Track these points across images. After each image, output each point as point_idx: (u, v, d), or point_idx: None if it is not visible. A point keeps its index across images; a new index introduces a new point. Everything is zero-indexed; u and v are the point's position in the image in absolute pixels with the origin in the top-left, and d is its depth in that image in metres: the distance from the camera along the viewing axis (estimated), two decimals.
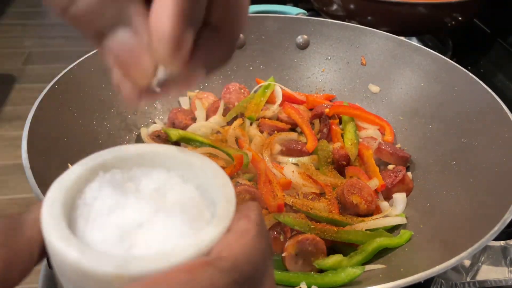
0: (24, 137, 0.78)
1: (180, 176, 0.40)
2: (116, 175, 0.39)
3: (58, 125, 0.88)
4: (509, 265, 0.75)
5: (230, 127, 1.03)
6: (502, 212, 0.69)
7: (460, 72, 1.00)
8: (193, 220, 0.36)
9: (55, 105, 0.90)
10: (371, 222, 0.84)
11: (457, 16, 1.28)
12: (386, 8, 1.26)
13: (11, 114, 3.22)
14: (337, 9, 1.35)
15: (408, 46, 1.12)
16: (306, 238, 0.77)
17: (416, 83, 1.09)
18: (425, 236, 0.81)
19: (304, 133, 1.04)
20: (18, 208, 2.55)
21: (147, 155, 0.40)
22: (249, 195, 0.82)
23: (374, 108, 1.15)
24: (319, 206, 0.84)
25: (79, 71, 0.97)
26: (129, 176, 0.39)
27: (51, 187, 0.38)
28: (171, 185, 0.39)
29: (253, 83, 1.21)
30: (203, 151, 0.95)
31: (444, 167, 0.92)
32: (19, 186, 2.66)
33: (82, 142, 0.91)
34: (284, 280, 0.74)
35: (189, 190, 0.39)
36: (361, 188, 0.88)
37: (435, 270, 0.61)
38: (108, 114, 1.02)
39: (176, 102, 1.17)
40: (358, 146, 1.01)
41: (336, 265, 0.76)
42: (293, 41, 1.23)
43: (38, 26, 4.30)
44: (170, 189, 0.38)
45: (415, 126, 1.06)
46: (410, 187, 0.94)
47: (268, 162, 0.94)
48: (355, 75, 1.19)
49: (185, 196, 0.38)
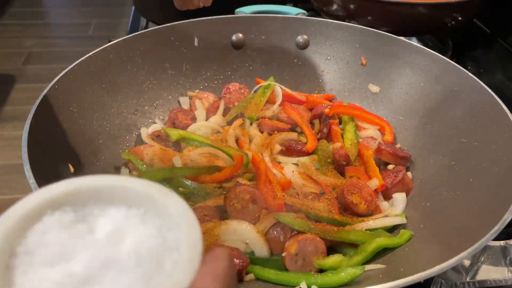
0: (24, 137, 0.78)
1: (141, 214, 0.36)
2: (67, 215, 0.34)
3: (58, 125, 0.88)
4: (508, 265, 0.75)
5: (230, 127, 1.03)
6: (502, 212, 0.69)
7: (460, 72, 1.00)
8: (151, 275, 0.31)
9: (55, 105, 0.90)
10: (371, 222, 0.84)
11: (457, 16, 1.28)
12: (386, 8, 1.26)
13: (11, 114, 3.22)
14: (337, 9, 1.35)
15: (408, 46, 1.12)
16: (306, 238, 0.77)
17: (416, 83, 1.09)
18: (425, 236, 0.81)
19: (304, 133, 1.04)
20: None
21: (106, 188, 0.36)
22: (249, 195, 0.82)
23: (374, 108, 1.15)
24: (319, 206, 0.84)
25: (79, 71, 0.98)
26: (83, 215, 0.35)
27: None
28: (129, 226, 0.34)
29: (253, 83, 1.21)
30: (203, 151, 0.95)
31: (444, 167, 0.92)
32: (19, 186, 2.66)
33: (82, 142, 0.91)
34: (284, 280, 0.74)
35: (149, 234, 0.34)
36: (361, 188, 0.88)
37: (435, 270, 0.61)
38: (108, 114, 1.02)
39: (176, 102, 1.17)
40: (358, 146, 1.01)
41: (336, 265, 0.76)
42: (293, 41, 1.23)
43: (38, 26, 4.30)
44: (127, 232, 0.34)
45: (415, 126, 1.06)
46: (410, 187, 0.94)
47: (268, 162, 0.94)
48: (355, 75, 1.20)
49: (144, 243, 0.33)
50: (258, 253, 0.79)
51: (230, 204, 0.82)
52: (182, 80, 1.19)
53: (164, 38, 1.16)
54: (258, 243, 0.79)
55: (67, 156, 0.85)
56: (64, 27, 4.36)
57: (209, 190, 0.88)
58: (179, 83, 1.18)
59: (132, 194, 0.36)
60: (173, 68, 1.17)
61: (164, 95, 1.16)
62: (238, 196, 0.82)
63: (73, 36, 4.14)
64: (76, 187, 0.35)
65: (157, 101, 1.14)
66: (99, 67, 1.03)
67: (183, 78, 1.19)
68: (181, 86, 1.19)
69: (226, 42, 1.22)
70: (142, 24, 1.72)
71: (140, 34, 1.13)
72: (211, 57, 1.21)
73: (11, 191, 2.64)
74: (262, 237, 0.79)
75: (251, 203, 0.82)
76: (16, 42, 3.99)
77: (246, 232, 0.79)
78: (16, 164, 2.81)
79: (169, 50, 1.16)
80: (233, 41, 1.22)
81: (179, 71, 1.18)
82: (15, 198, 2.17)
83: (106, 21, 4.35)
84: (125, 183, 0.36)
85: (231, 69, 1.23)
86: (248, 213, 0.82)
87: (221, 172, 0.92)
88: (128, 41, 1.10)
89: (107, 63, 1.05)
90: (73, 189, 0.35)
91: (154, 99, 1.14)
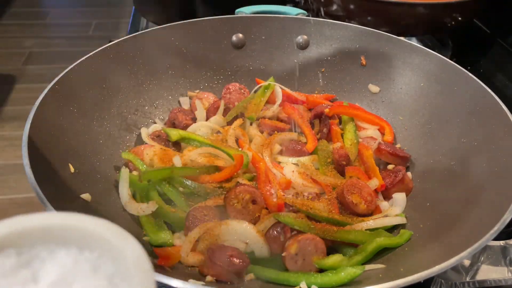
0: (24, 137, 0.78)
1: (93, 259, 0.32)
2: (9, 259, 0.31)
3: (58, 125, 0.88)
4: (508, 265, 0.75)
5: (230, 127, 1.03)
6: (502, 212, 0.69)
7: (460, 72, 1.00)
8: None
9: (55, 105, 0.90)
10: (371, 222, 0.84)
11: (457, 16, 1.28)
12: (386, 8, 1.26)
13: (11, 114, 3.22)
14: (337, 9, 1.35)
15: (408, 46, 1.12)
16: (306, 237, 0.77)
17: (416, 83, 1.09)
18: (425, 236, 0.81)
19: (304, 133, 1.04)
20: (18, 207, 2.55)
21: (58, 227, 0.33)
22: (249, 195, 0.82)
23: (374, 108, 1.15)
24: (319, 206, 0.84)
25: (79, 71, 0.98)
26: (28, 258, 0.31)
27: None
28: (77, 275, 0.31)
29: (253, 83, 1.21)
30: (203, 151, 0.95)
31: (444, 167, 0.92)
32: (19, 186, 2.66)
33: (82, 142, 0.91)
34: (284, 279, 0.74)
35: (99, 285, 0.31)
36: (361, 188, 0.88)
37: (435, 270, 0.61)
38: (108, 114, 1.02)
39: (176, 102, 1.17)
40: (358, 146, 1.01)
41: (336, 264, 0.76)
42: (293, 41, 1.23)
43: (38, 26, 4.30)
44: (74, 282, 0.30)
45: (415, 126, 1.06)
46: (410, 187, 0.94)
47: (268, 162, 0.94)
48: (355, 75, 1.20)
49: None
50: (258, 253, 0.79)
51: (230, 204, 0.82)
52: (182, 80, 1.19)
53: (164, 38, 1.16)
54: (258, 243, 0.79)
55: (67, 156, 0.85)
56: (64, 27, 4.36)
57: (209, 190, 0.88)
58: (179, 83, 1.18)
59: (86, 235, 0.33)
60: (173, 68, 1.17)
61: (164, 95, 1.16)
62: (238, 196, 0.82)
63: (73, 36, 4.14)
64: (23, 227, 0.32)
65: (157, 101, 1.14)
66: (99, 67, 1.03)
67: (183, 78, 1.19)
68: (181, 86, 1.19)
69: (226, 42, 1.22)
70: (142, 24, 1.72)
71: (140, 34, 1.13)
72: (211, 57, 1.21)
73: (11, 191, 2.64)
74: (262, 237, 0.79)
75: (251, 203, 0.82)
76: (16, 42, 3.99)
77: (246, 232, 0.79)
78: (16, 164, 2.81)
79: (169, 50, 1.16)
80: (233, 41, 1.22)
81: (179, 71, 1.18)
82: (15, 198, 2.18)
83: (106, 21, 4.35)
84: (79, 223, 0.33)
85: (231, 69, 1.23)
86: (248, 213, 0.82)
87: (221, 172, 0.92)
88: (128, 41, 1.10)
89: (107, 63, 1.05)
90: (19, 228, 0.32)
91: (154, 99, 1.14)
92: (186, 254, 0.77)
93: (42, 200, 0.67)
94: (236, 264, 0.73)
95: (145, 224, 0.84)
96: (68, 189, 0.79)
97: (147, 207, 0.84)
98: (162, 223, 0.85)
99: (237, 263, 0.73)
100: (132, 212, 0.85)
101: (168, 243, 0.81)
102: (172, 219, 0.85)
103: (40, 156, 0.78)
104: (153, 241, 0.81)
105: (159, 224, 0.84)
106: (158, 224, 0.84)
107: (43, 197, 0.67)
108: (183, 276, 0.72)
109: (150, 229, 0.83)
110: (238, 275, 0.74)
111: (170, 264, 0.76)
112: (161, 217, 0.85)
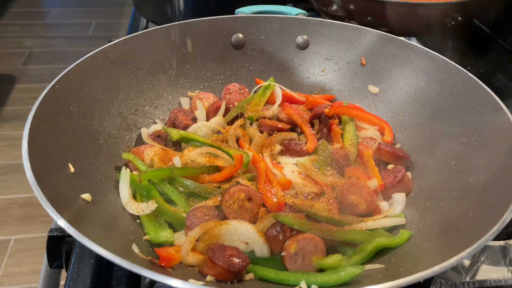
0: (24, 137, 0.78)
1: None
2: None
3: (58, 125, 0.88)
4: (508, 265, 0.75)
5: (231, 127, 1.03)
6: (502, 212, 0.69)
7: (460, 72, 1.00)
8: None
9: (55, 105, 0.90)
10: (370, 222, 0.84)
11: (457, 16, 1.28)
12: (386, 8, 1.26)
13: (11, 114, 3.22)
14: (337, 9, 1.35)
15: (408, 46, 1.12)
16: (306, 237, 0.77)
17: (416, 83, 1.09)
18: (425, 236, 0.81)
19: (304, 133, 1.04)
20: (18, 207, 2.55)
21: None
22: (243, 193, 0.82)
23: (374, 108, 1.15)
24: (319, 206, 0.84)
25: (79, 71, 0.98)
26: None
27: None
28: None
29: (253, 83, 1.21)
30: (203, 151, 0.95)
31: (444, 167, 0.92)
32: (19, 186, 2.66)
33: (82, 142, 0.91)
34: (284, 279, 0.74)
35: None
36: (360, 188, 0.88)
37: (435, 270, 0.61)
38: (108, 114, 1.02)
39: (177, 102, 1.17)
40: (357, 146, 1.01)
41: (336, 264, 0.76)
42: (293, 41, 1.23)
43: (38, 26, 4.30)
44: None
45: (415, 126, 1.06)
46: (410, 187, 0.94)
47: (268, 162, 0.94)
48: (355, 75, 1.20)
49: None
50: (258, 253, 0.79)
51: (226, 206, 0.82)
52: (182, 80, 1.19)
53: (164, 38, 1.16)
54: (258, 242, 0.79)
55: (67, 156, 0.85)
56: (64, 27, 4.36)
57: (209, 190, 0.88)
58: (179, 83, 1.18)
59: None
60: (173, 68, 1.17)
61: (164, 95, 1.16)
62: (233, 196, 0.82)
63: (73, 36, 4.14)
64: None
65: (157, 101, 1.14)
66: (99, 67, 1.03)
67: (183, 78, 1.19)
68: (181, 86, 1.19)
69: (226, 42, 1.22)
70: (142, 24, 1.73)
71: (140, 34, 1.13)
72: (211, 57, 1.21)
73: (11, 191, 2.64)
74: (262, 236, 0.79)
75: (247, 201, 0.82)
76: (16, 42, 4.00)
77: (246, 231, 0.79)
78: (16, 164, 2.82)
79: (169, 50, 1.16)
80: (233, 41, 1.22)
81: (179, 71, 1.18)
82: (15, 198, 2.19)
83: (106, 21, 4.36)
84: None
85: (231, 69, 1.23)
86: (246, 211, 0.82)
87: (221, 172, 0.92)
88: (128, 41, 1.10)
89: (107, 63, 1.05)
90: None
91: (154, 99, 1.14)
92: (186, 254, 0.77)
93: (42, 200, 0.67)
94: (236, 264, 0.73)
95: (146, 223, 0.84)
96: (68, 189, 0.79)
97: (146, 206, 0.84)
98: (163, 222, 0.85)
99: (237, 263, 0.73)
100: (132, 212, 0.85)
101: (169, 242, 0.81)
102: (173, 218, 0.85)
103: (40, 156, 0.78)
104: (154, 240, 0.81)
105: (160, 223, 0.84)
106: (159, 223, 0.84)
107: (43, 197, 0.67)
108: (183, 276, 0.72)
109: (151, 228, 0.83)
110: (238, 275, 0.74)
111: (171, 265, 0.76)
112: (162, 216, 0.85)
